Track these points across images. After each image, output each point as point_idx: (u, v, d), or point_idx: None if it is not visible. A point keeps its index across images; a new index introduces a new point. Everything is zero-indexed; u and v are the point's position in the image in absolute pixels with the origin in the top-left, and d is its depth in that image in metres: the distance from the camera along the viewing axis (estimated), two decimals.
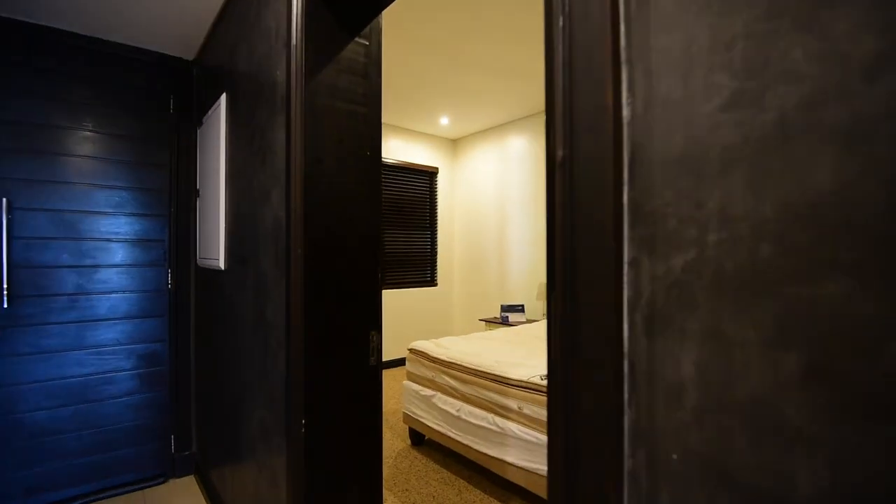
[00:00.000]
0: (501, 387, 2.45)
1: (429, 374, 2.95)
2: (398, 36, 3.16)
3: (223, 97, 2.06)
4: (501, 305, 4.81)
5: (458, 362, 2.74)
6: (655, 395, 0.49)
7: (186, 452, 2.76)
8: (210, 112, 2.29)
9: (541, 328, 3.85)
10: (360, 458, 1.40)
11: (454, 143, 5.96)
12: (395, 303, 5.25)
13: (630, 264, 0.51)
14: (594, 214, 0.53)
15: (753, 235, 0.43)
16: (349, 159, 1.35)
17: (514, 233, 5.17)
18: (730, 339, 0.44)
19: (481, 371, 2.58)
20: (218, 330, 2.29)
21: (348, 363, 1.38)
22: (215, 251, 2.14)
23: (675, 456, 0.48)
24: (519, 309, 4.80)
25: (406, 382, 3.14)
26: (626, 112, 0.52)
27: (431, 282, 5.72)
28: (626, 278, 0.51)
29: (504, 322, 4.66)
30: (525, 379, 2.34)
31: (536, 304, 4.86)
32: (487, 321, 4.86)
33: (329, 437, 1.35)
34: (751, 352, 0.43)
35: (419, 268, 5.61)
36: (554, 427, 0.56)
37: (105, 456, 2.53)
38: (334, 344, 1.36)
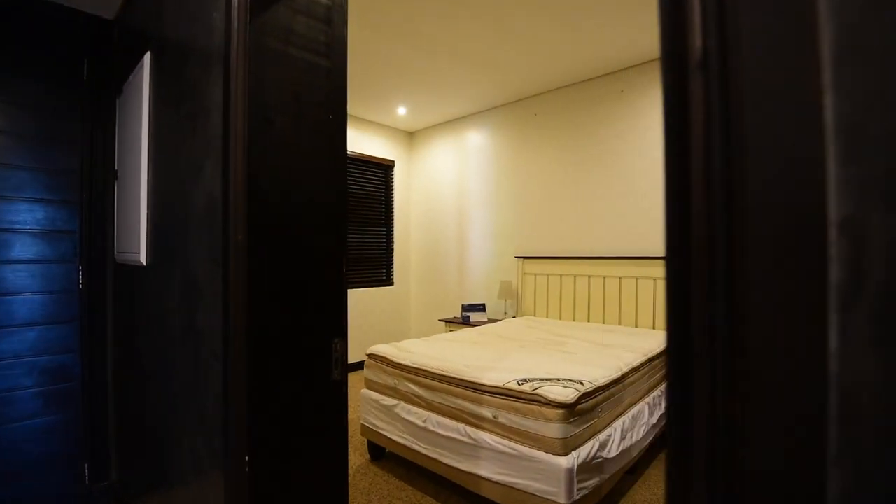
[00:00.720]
0: (474, 394, 2.23)
1: (390, 381, 2.68)
2: (353, 13, 2.87)
3: (147, 56, 1.70)
4: (462, 305, 4.61)
5: (424, 368, 2.50)
6: None
7: (104, 483, 2.34)
8: (131, 77, 1.92)
9: (506, 327, 3.68)
10: (321, 495, 1.13)
11: (411, 136, 5.70)
12: (350, 303, 4.92)
13: (841, 226, 0.30)
14: (765, 142, 0.31)
15: None
16: (307, 121, 1.07)
17: (473, 230, 4.99)
18: None
19: (450, 377, 2.35)
20: (141, 338, 1.91)
21: (305, 379, 1.11)
22: (136, 243, 1.77)
23: None
24: (480, 308, 4.62)
25: (364, 391, 2.86)
26: None
27: (387, 281, 5.43)
28: (833, 250, 0.30)
29: (465, 322, 4.46)
30: (500, 384, 2.13)
31: (498, 302, 4.69)
32: (447, 321, 4.64)
33: (281, 471, 1.07)
34: None
35: (374, 266, 5.30)
36: (681, 496, 0.34)
37: (1, 493, 2.08)
38: (287, 356, 1.09)
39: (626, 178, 3.83)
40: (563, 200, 4.24)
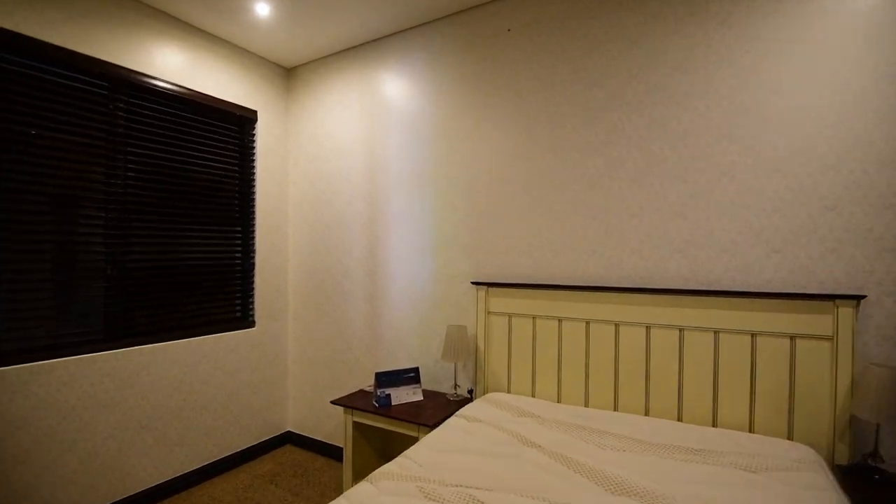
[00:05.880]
0: None
1: None
2: None
3: None
4: (377, 374, 2.49)
5: None
6: None
7: None
8: None
9: (471, 452, 1.63)
10: None
11: (289, 74, 3.45)
12: (168, 368, 2.56)
13: None
14: None
15: None
16: None
17: (396, 236, 2.90)
18: None
19: None
20: None
21: None
22: None
23: None
24: (410, 377, 2.54)
25: None
26: None
27: (244, 320, 3.14)
28: None
29: (381, 406, 2.36)
30: None
31: (441, 366, 2.65)
32: (349, 406, 2.49)
33: None
34: None
35: (220, 295, 2.98)
36: None
37: None
38: None
39: (690, 144, 2.02)
40: (562, 187, 2.33)
